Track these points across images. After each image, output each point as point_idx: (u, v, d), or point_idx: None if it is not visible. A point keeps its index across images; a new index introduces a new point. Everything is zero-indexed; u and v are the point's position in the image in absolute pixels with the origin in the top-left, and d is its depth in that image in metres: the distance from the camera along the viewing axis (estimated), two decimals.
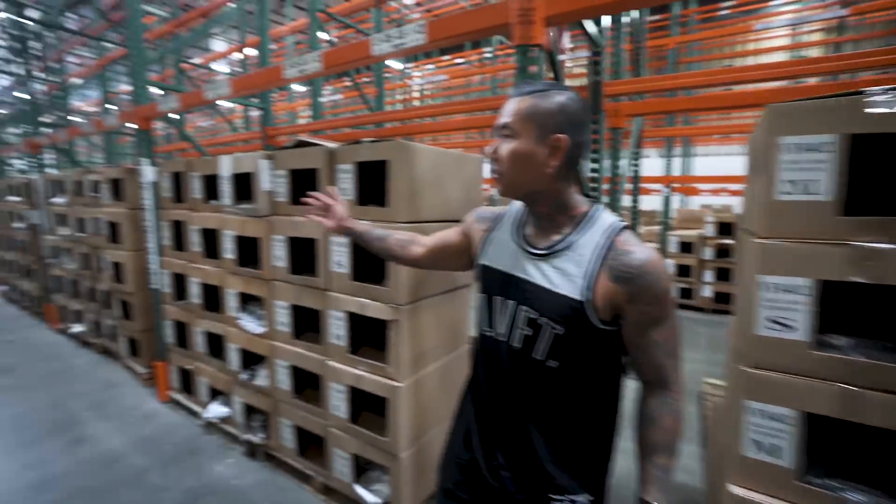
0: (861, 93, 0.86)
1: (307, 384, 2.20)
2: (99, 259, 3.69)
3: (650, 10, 5.49)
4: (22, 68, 5.34)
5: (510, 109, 0.90)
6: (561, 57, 5.43)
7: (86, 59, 9.25)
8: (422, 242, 1.26)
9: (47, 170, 5.65)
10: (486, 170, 2.45)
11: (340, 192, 1.87)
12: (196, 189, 2.59)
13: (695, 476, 2.43)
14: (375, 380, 1.79)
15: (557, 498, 0.92)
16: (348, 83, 11.09)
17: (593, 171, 2.47)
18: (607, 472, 0.98)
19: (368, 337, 2.00)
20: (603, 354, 0.92)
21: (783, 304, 0.99)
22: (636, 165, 3.72)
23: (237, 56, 8.65)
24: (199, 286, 2.62)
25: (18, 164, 8.05)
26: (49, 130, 6.02)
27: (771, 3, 7.43)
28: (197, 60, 7.51)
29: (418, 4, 9.76)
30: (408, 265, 1.32)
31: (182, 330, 2.88)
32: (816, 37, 8.20)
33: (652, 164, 7.72)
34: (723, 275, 5.53)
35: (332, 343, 1.94)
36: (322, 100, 5.85)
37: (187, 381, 2.95)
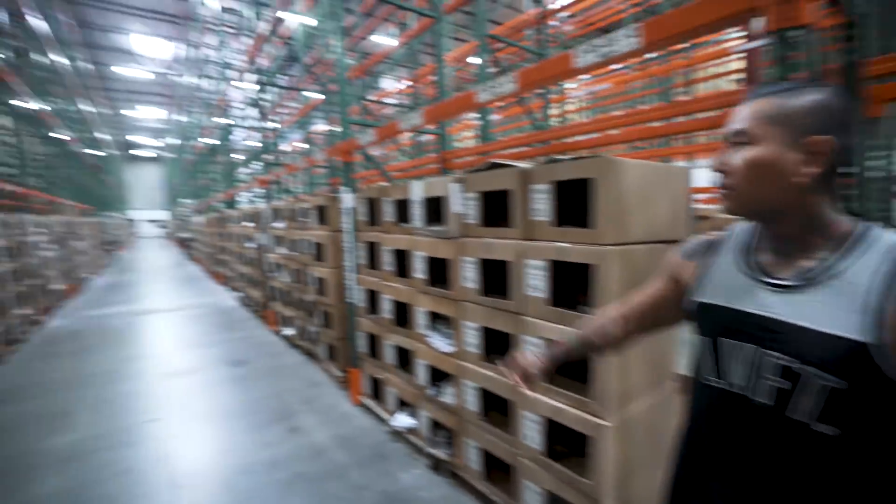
0: None
1: (494, 406, 2.18)
2: (306, 274, 4.38)
3: None
4: (254, 122, 6.80)
5: (746, 113, 0.77)
6: (757, 43, 4.61)
7: (291, 108, 11.41)
8: (616, 316, 1.07)
9: (262, 200, 7.03)
10: (695, 181, 2.13)
11: (533, 213, 1.82)
12: (388, 213, 2.85)
13: None
14: (577, 414, 1.65)
15: None
16: (501, 103, 11.35)
17: (846, 174, 1.94)
18: None
19: (563, 366, 1.87)
20: None
21: None
22: (890, 163, 2.87)
23: (400, 87, 9.59)
24: (390, 302, 2.86)
25: (245, 195, 10.27)
26: (260, 167, 7.51)
27: None
28: (371, 97, 8.57)
29: (572, 16, 9.52)
30: (618, 349, 1.12)
31: (374, 341, 3.18)
32: None
33: None
34: None
35: None
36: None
37: (377, 389, 3.23)
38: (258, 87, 6.81)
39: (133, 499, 2.39)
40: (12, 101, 7.21)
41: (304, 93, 7.87)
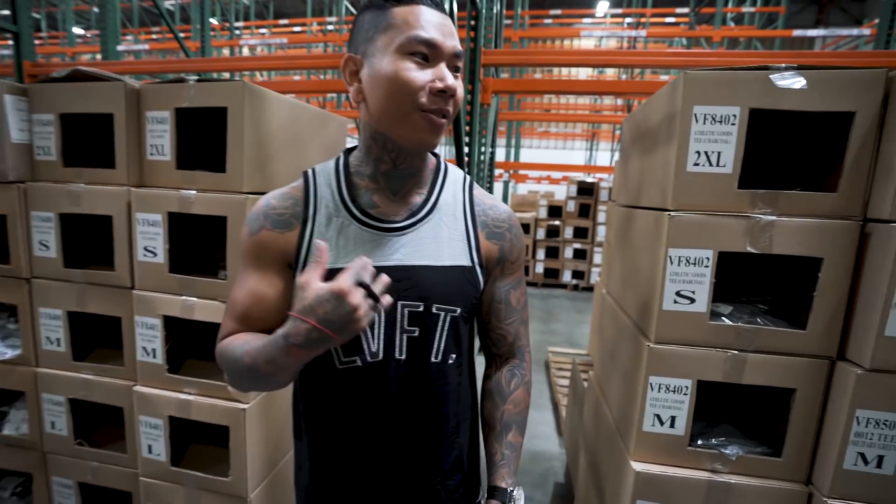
0: (767, 68, 0.89)
1: (99, 422, 1.58)
2: None
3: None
4: None
5: (452, 30, 0.64)
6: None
7: None
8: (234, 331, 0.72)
9: None
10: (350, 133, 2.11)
11: (152, 151, 1.34)
12: None
13: (550, 442, 2.59)
14: (212, 404, 1.33)
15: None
16: (157, 34, 9.09)
17: (466, 154, 2.36)
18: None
19: (187, 347, 1.50)
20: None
21: (689, 278, 0.99)
22: (491, 150, 3.82)
23: None
24: None
25: None
26: None
27: (584, 21, 9.31)
28: None
29: None
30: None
31: None
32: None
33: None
34: (551, 253, 6.35)
35: (141, 361, 1.39)
36: (121, 48, 4.59)
37: None
38: None
39: None
40: None
41: None
